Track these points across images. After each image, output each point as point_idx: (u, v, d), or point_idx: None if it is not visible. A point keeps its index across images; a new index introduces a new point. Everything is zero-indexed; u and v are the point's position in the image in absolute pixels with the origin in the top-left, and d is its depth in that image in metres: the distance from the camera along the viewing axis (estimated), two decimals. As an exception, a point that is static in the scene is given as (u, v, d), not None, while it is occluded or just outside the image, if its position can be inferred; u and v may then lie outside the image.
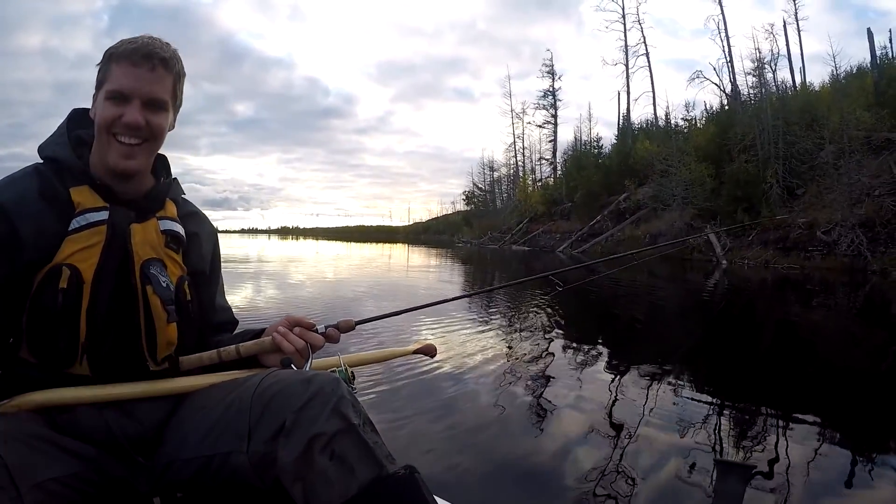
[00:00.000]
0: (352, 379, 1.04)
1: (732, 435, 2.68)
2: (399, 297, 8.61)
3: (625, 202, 27.08)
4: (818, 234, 16.16)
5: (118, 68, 0.98)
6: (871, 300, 9.83)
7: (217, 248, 1.22)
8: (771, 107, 21.73)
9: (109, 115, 0.97)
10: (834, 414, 3.13)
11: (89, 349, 0.94)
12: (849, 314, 8.06)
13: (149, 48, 0.98)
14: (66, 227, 0.94)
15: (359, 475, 0.79)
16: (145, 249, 1.00)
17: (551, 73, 43.93)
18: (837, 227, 15.62)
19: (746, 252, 17.95)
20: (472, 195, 56.04)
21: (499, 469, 2.25)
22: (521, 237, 35.05)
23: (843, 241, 15.22)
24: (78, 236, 0.94)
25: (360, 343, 4.19)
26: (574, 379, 3.62)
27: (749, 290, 11.47)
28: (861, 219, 15.23)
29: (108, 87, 0.98)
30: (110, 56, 0.99)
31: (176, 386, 1.01)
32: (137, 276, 0.98)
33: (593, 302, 8.24)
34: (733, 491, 1.16)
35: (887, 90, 19.49)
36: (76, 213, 0.95)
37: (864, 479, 2.25)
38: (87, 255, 0.94)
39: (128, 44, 0.98)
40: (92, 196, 0.98)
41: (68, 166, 0.99)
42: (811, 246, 16.24)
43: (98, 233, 0.95)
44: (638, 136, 31.37)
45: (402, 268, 17.17)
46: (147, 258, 1.00)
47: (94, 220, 0.96)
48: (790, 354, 5.02)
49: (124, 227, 0.98)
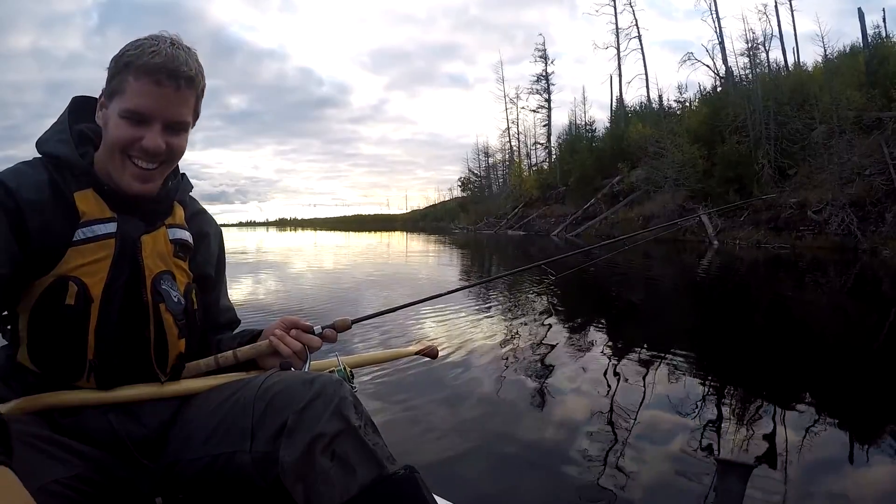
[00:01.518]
0: (351, 378, 1.04)
1: (731, 427, 2.66)
2: (396, 286, 8.62)
3: (618, 185, 27.18)
4: (809, 214, 16.30)
5: (138, 84, 0.88)
6: (863, 278, 9.98)
7: (223, 250, 1.19)
8: (762, 87, 21.74)
9: (126, 136, 0.90)
10: (832, 401, 3.14)
11: (97, 367, 0.91)
12: (840, 293, 8.18)
13: (175, 63, 0.89)
14: (71, 236, 0.89)
15: (359, 476, 0.80)
16: (156, 262, 0.97)
17: (544, 57, 43.70)
18: (828, 207, 15.75)
19: (738, 233, 18.10)
20: (468, 181, 55.97)
21: (498, 467, 2.24)
22: (516, 222, 35.14)
23: (834, 220, 15.36)
24: (84, 248, 0.89)
25: (361, 341, 4.24)
26: (571, 372, 3.58)
27: (740, 270, 11.60)
28: (852, 198, 15.35)
29: (125, 105, 0.89)
30: (128, 65, 0.89)
31: (180, 388, 1.00)
32: (149, 293, 0.95)
33: (590, 286, 8.31)
34: (734, 489, 1.19)
35: (879, 70, 19.49)
36: (81, 222, 0.90)
37: (863, 471, 2.22)
38: (96, 270, 0.90)
39: (150, 54, 0.88)
40: (98, 204, 0.93)
41: (71, 166, 0.92)
42: (802, 225, 16.40)
43: (106, 246, 0.91)
44: (631, 118, 31.35)
45: (399, 255, 17.24)
46: (158, 272, 0.97)
47: (102, 232, 0.91)
48: (785, 335, 5.05)
49: (134, 239, 0.94)
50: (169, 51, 0.89)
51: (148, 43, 0.89)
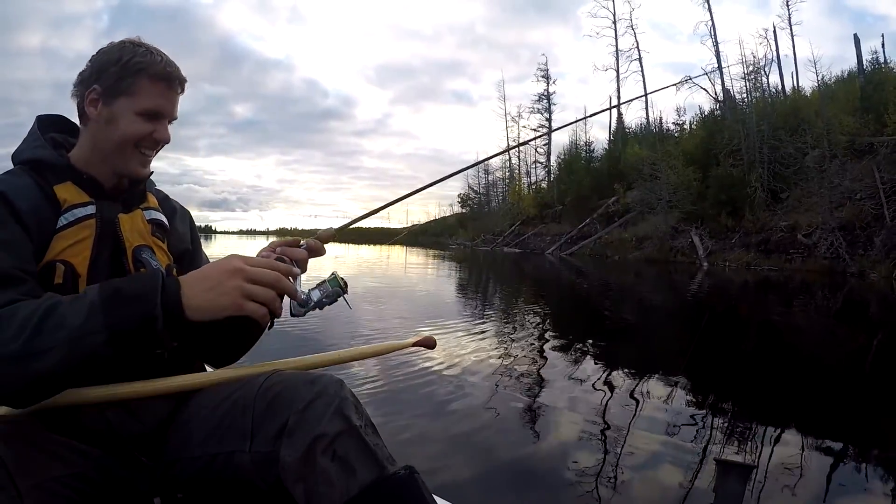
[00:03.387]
0: (344, 287, 1.02)
1: (725, 435, 2.68)
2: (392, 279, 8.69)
3: (614, 205, 27.27)
4: (799, 237, 16.31)
5: (153, 87, 0.98)
6: (850, 301, 9.98)
7: (193, 225, 1.24)
8: (757, 111, 21.88)
9: (143, 131, 0.99)
10: (825, 413, 3.18)
11: None
12: (828, 315, 8.18)
13: (178, 71, 1.01)
14: (55, 224, 0.93)
15: (360, 476, 0.80)
16: (135, 236, 1.02)
17: (546, 77, 44.19)
18: (818, 230, 15.76)
19: (729, 254, 18.12)
20: (468, 197, 56.28)
21: (497, 468, 2.25)
22: (512, 240, 35.22)
23: (823, 243, 15.37)
24: (67, 232, 0.93)
25: (361, 338, 4.28)
26: (569, 379, 3.62)
27: (730, 292, 11.59)
28: (841, 222, 15.41)
29: (143, 105, 0.98)
30: (140, 70, 0.97)
31: (179, 384, 0.98)
32: (131, 262, 0.99)
33: (584, 303, 8.41)
34: (733, 490, 1.18)
35: (873, 95, 19.64)
36: (63, 209, 0.95)
37: (857, 476, 2.26)
38: (79, 250, 0.94)
39: (159, 63, 0.99)
40: (77, 192, 0.98)
41: (51, 165, 0.98)
42: (792, 248, 16.41)
43: (87, 227, 0.96)
44: (630, 140, 31.55)
45: (398, 267, 17.28)
46: (137, 244, 1.01)
47: (82, 214, 0.96)
48: (775, 354, 5.05)
49: (112, 217, 0.99)
50: (166, 58, 1.01)
51: (144, 49, 0.99)
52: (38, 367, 0.72)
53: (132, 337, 0.76)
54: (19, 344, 0.71)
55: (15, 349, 0.71)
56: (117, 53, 0.97)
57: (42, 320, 0.73)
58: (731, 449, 2.47)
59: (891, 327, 7.08)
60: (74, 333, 0.73)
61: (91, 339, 0.73)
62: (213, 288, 0.81)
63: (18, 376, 0.72)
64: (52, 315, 0.73)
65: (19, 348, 0.71)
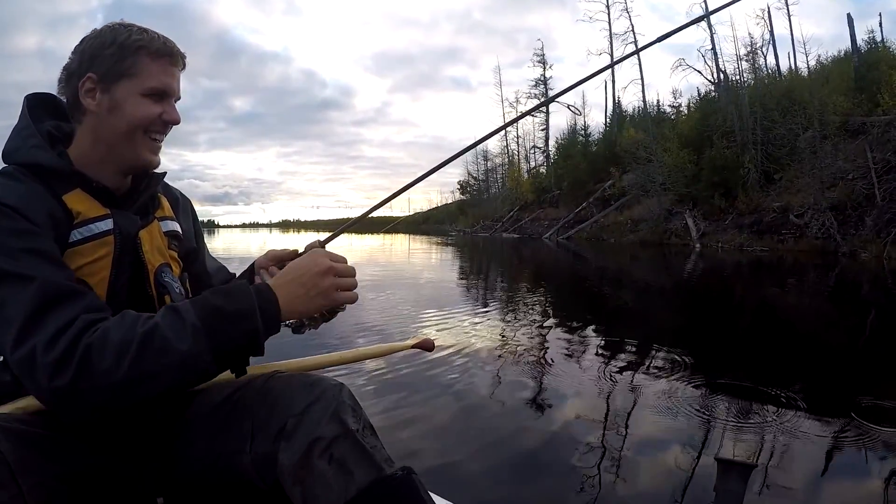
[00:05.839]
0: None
1: (730, 427, 2.65)
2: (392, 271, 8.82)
3: (610, 189, 27.38)
4: (791, 218, 16.43)
5: (157, 65, 0.92)
6: (842, 282, 10.05)
7: (195, 216, 1.20)
8: (750, 92, 21.87)
9: (152, 113, 0.93)
10: (825, 399, 3.17)
11: None
12: (820, 295, 8.21)
13: (176, 45, 0.96)
14: (67, 238, 0.86)
15: (357, 478, 0.80)
16: (156, 256, 0.97)
17: (542, 61, 43.96)
18: (809, 211, 15.88)
19: (722, 236, 18.27)
20: (467, 184, 56.27)
21: (497, 466, 2.25)
22: (511, 225, 35.35)
23: (815, 224, 15.49)
24: (83, 248, 0.87)
25: (360, 338, 4.31)
26: (567, 375, 3.56)
27: (723, 273, 11.68)
28: (833, 202, 15.47)
29: (148, 84, 0.92)
30: (140, 49, 0.91)
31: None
32: (153, 287, 0.95)
33: (581, 285, 8.52)
34: (734, 489, 1.18)
35: (867, 74, 19.58)
36: (76, 223, 0.88)
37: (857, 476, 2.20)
38: (97, 269, 0.88)
39: (158, 38, 0.93)
40: (90, 202, 0.90)
41: (55, 172, 0.89)
42: (784, 229, 16.53)
43: (105, 244, 0.89)
44: (626, 124, 31.49)
45: (401, 254, 17.42)
46: (158, 265, 0.97)
47: (100, 230, 0.89)
48: (771, 336, 5.07)
49: (132, 233, 0.94)
50: (161, 34, 0.96)
51: (138, 28, 0.94)
52: (143, 392, 0.74)
53: (237, 353, 0.80)
54: (122, 373, 0.72)
55: (118, 379, 0.72)
56: (110, 35, 0.91)
57: (143, 347, 0.73)
58: (730, 448, 2.42)
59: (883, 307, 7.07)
60: (184, 358, 0.74)
61: (200, 360, 0.75)
62: (308, 291, 0.84)
63: (122, 401, 0.74)
64: (153, 340, 0.73)
65: (123, 377, 0.72)
